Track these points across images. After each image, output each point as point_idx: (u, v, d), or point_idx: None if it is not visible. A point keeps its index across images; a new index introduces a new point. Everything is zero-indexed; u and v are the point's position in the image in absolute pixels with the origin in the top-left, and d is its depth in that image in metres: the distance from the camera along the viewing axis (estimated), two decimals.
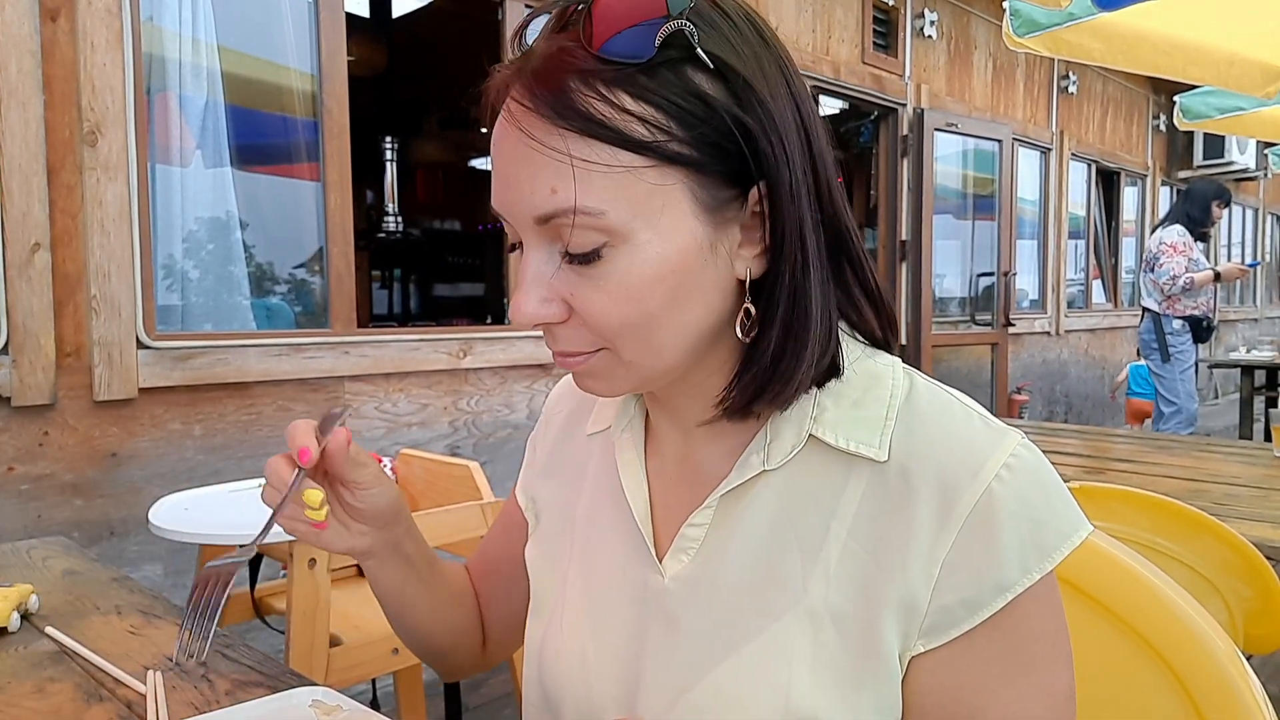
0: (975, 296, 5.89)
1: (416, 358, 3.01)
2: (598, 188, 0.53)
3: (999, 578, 0.54)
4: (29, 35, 2.18)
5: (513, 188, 0.56)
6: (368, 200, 5.92)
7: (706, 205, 0.56)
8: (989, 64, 5.86)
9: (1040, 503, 0.55)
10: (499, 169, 0.57)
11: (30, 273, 2.20)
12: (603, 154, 0.52)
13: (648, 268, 0.55)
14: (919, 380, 0.62)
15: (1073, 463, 2.27)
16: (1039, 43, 2.86)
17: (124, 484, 2.39)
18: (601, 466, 0.74)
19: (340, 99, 2.85)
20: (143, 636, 0.98)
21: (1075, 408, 7.03)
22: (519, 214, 0.57)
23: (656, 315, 0.56)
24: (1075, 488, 1.40)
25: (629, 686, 0.65)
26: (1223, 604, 1.32)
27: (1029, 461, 0.56)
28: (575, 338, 0.59)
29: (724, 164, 0.55)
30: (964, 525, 0.54)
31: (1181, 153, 8.27)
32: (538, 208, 0.55)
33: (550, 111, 0.53)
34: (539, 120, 0.53)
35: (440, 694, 2.19)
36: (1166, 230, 4.69)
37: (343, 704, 0.79)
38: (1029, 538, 0.54)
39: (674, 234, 0.55)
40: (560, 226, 0.55)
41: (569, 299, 0.57)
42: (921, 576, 0.55)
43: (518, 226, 0.58)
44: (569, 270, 0.56)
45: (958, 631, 0.55)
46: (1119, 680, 0.86)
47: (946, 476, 0.56)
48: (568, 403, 0.82)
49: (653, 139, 0.53)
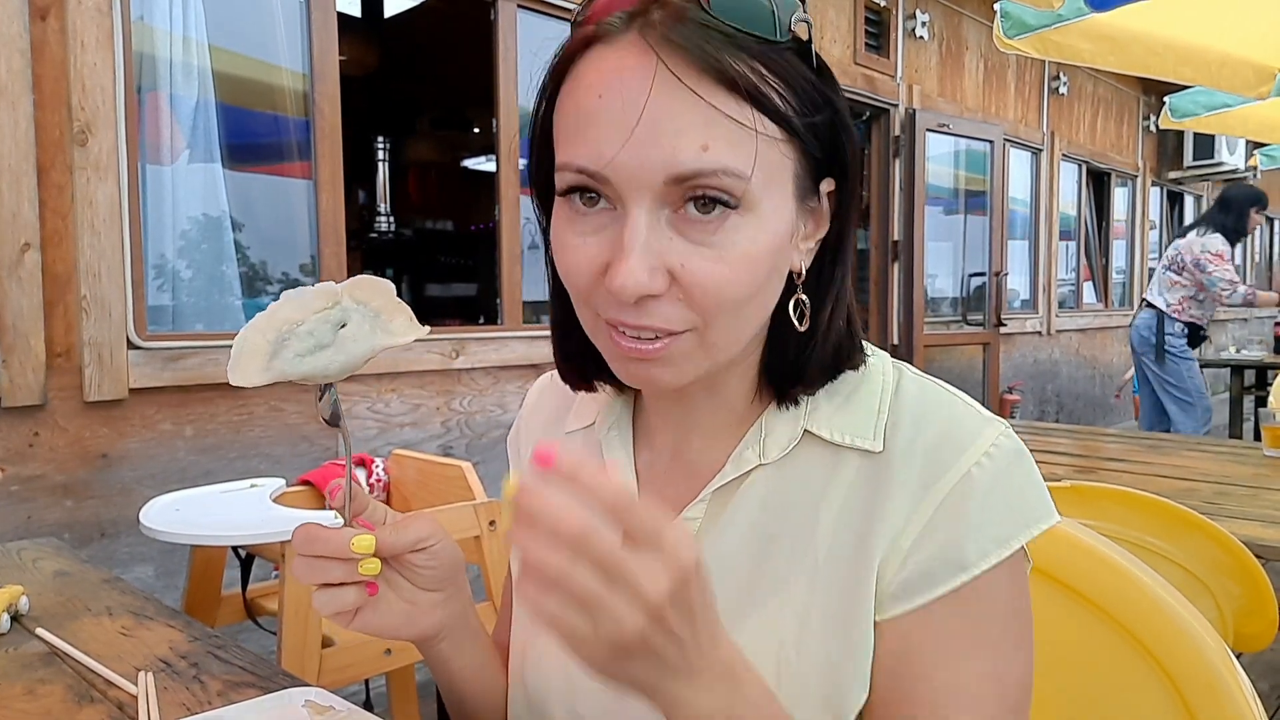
0: (967, 296, 5.91)
1: (409, 358, 3.00)
2: (746, 151, 0.52)
3: (960, 556, 0.55)
4: (19, 34, 2.17)
5: (646, 140, 0.51)
6: (360, 200, 5.90)
7: (799, 191, 0.57)
8: (980, 65, 5.87)
9: (1013, 490, 0.57)
10: (619, 116, 0.51)
11: (20, 273, 2.18)
12: (754, 119, 0.52)
13: (766, 240, 0.54)
14: (907, 372, 0.64)
15: (1064, 462, 2.28)
16: (1028, 44, 2.87)
17: (115, 485, 2.38)
18: None
19: (332, 98, 2.84)
20: (134, 638, 0.98)
21: (1067, 407, 7.05)
22: (646, 169, 0.51)
23: (758, 292, 0.55)
24: (1067, 487, 1.41)
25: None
26: (1213, 602, 1.33)
27: (1009, 450, 0.58)
28: (671, 314, 0.54)
29: (819, 152, 0.57)
30: (940, 504, 0.56)
31: (1172, 154, 8.30)
32: (681, 164, 0.51)
33: (710, 62, 0.51)
34: (695, 69, 0.51)
35: (433, 694, 2.19)
36: (1209, 238, 4.46)
37: (335, 705, 0.79)
38: (995, 522, 0.56)
39: (783, 211, 0.55)
40: (696, 188, 0.52)
41: (677, 270, 0.53)
42: (893, 549, 0.57)
43: (631, 185, 0.52)
44: (681, 238, 0.53)
45: (917, 602, 0.56)
46: (1109, 678, 0.86)
47: (930, 459, 0.57)
48: (548, 400, 0.81)
49: (788, 112, 0.54)
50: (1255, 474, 2.08)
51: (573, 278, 0.56)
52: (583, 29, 0.55)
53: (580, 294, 0.57)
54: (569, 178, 0.54)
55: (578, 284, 0.56)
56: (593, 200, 0.54)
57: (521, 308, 3.42)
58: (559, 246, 0.57)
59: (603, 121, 0.52)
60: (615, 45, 0.53)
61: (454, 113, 6.41)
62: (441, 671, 0.71)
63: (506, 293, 3.37)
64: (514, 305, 3.39)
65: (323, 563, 0.61)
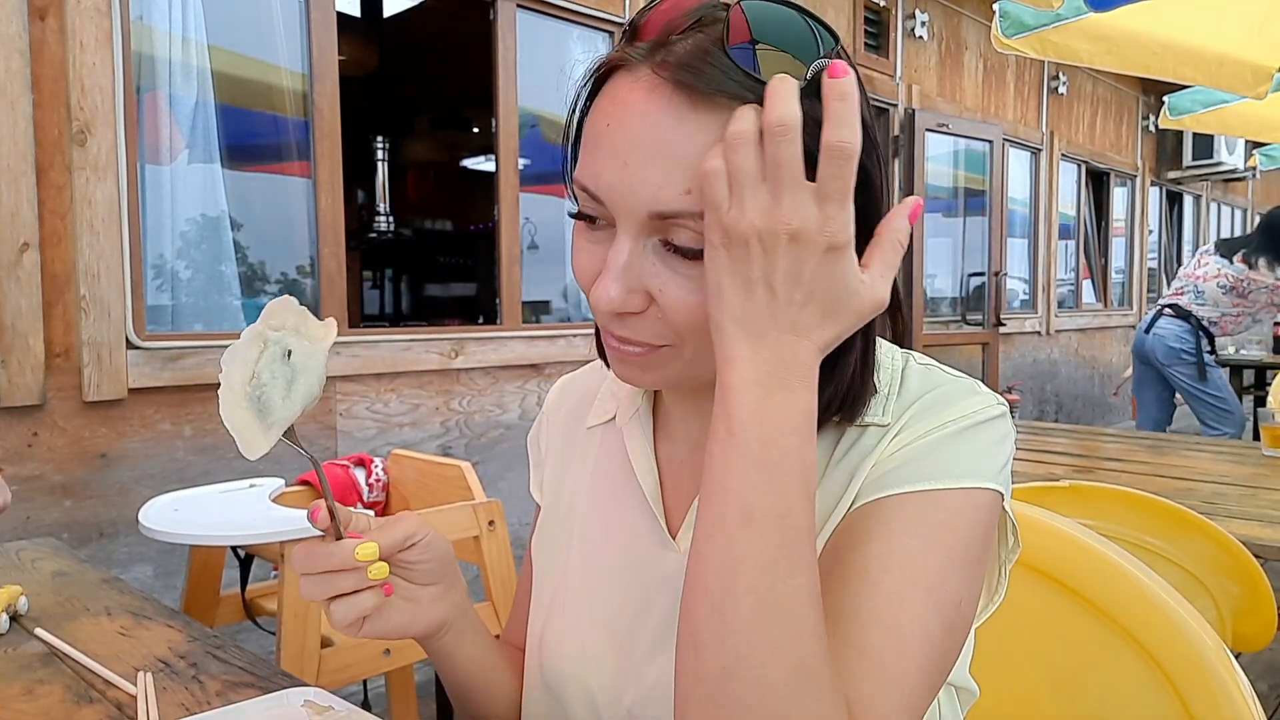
0: (966, 296, 5.91)
1: (408, 358, 3.00)
2: None
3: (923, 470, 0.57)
4: (18, 34, 2.17)
5: (636, 174, 0.53)
6: (359, 200, 5.90)
7: None
8: (979, 65, 5.88)
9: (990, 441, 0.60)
10: (618, 147, 0.54)
11: (19, 273, 2.18)
12: None
13: None
14: (913, 355, 0.67)
15: (1063, 462, 2.28)
16: (1027, 44, 2.87)
17: (114, 485, 2.38)
18: (605, 457, 0.75)
19: (331, 98, 2.84)
20: (133, 638, 0.98)
21: (1066, 407, 7.06)
22: (632, 202, 0.53)
23: None
24: (1066, 486, 1.41)
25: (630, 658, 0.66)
26: (1211, 602, 1.33)
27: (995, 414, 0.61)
28: (647, 330, 0.57)
29: None
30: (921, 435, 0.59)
31: (1171, 153, 8.31)
32: (663, 203, 0.52)
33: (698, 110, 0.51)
34: (688, 113, 0.52)
35: (432, 695, 2.19)
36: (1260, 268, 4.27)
37: (334, 705, 0.79)
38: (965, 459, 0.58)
39: None
40: (675, 226, 0.53)
41: (656, 293, 0.55)
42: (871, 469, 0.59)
43: (620, 212, 0.54)
44: (661, 265, 0.55)
45: (874, 496, 0.58)
46: (1107, 677, 0.86)
47: (922, 411, 0.60)
48: (569, 398, 0.83)
49: None
50: (1254, 474, 2.08)
51: (578, 279, 0.60)
52: (611, 54, 0.57)
53: (585, 293, 0.60)
54: (578, 192, 0.57)
55: (582, 285, 0.60)
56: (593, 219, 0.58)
57: (521, 308, 3.42)
58: (574, 248, 0.60)
59: (605, 150, 0.54)
60: (633, 74, 0.54)
61: (453, 112, 6.41)
62: (447, 663, 0.72)
63: (506, 293, 3.37)
64: (513, 305, 3.39)
65: (330, 577, 0.61)
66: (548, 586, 0.75)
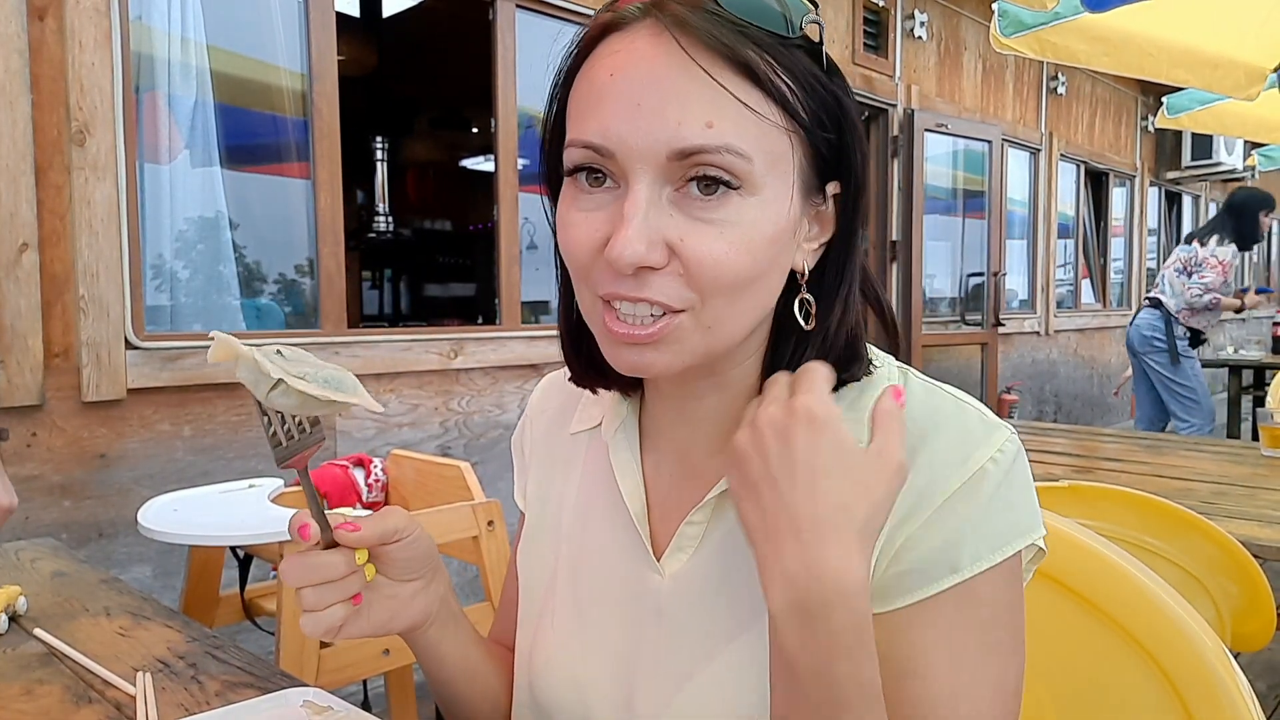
0: (965, 296, 5.91)
1: (407, 358, 3.00)
2: (751, 134, 0.53)
3: (956, 557, 0.56)
4: (17, 34, 2.16)
5: (652, 114, 0.52)
6: (358, 200, 5.90)
7: (803, 187, 0.57)
8: (979, 65, 5.88)
9: (1013, 495, 0.58)
10: (629, 91, 0.53)
11: (18, 273, 2.18)
12: (760, 103, 0.53)
13: (768, 225, 0.55)
14: (913, 376, 0.64)
15: (1062, 462, 2.28)
16: (1024, 43, 2.87)
17: (113, 485, 2.38)
18: (590, 466, 0.73)
19: (330, 98, 2.84)
20: (132, 638, 0.98)
21: (1065, 407, 7.06)
22: (649, 144, 0.52)
23: (757, 277, 0.56)
24: (1065, 487, 1.41)
25: (623, 686, 0.65)
26: (1210, 602, 1.33)
27: (1012, 456, 0.58)
28: (667, 289, 0.54)
29: (826, 151, 0.57)
30: (941, 506, 0.56)
31: (1170, 154, 8.31)
32: (684, 139, 0.52)
33: (720, 45, 0.52)
34: (705, 50, 0.52)
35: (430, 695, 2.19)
36: (1222, 248, 4.47)
37: (334, 705, 0.79)
38: (993, 527, 0.56)
39: (786, 200, 0.56)
40: (697, 164, 0.53)
41: (677, 244, 0.54)
42: (886, 543, 0.57)
43: (635, 158, 0.53)
44: (681, 215, 0.54)
45: (914, 598, 0.56)
46: (1107, 677, 0.86)
47: (936, 463, 0.57)
48: (553, 400, 0.81)
49: (795, 104, 0.54)
50: (1253, 474, 2.08)
51: (573, 252, 0.57)
52: (600, 17, 0.57)
53: (580, 270, 0.58)
54: (576, 154, 0.56)
55: (578, 258, 0.57)
56: (598, 180, 0.56)
57: (520, 308, 3.41)
58: (562, 225, 0.58)
59: (612, 97, 0.53)
60: (630, 30, 0.55)
61: (452, 112, 6.41)
62: (432, 658, 0.72)
63: (505, 293, 3.37)
64: (512, 305, 3.39)
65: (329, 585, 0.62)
66: (534, 601, 0.74)
